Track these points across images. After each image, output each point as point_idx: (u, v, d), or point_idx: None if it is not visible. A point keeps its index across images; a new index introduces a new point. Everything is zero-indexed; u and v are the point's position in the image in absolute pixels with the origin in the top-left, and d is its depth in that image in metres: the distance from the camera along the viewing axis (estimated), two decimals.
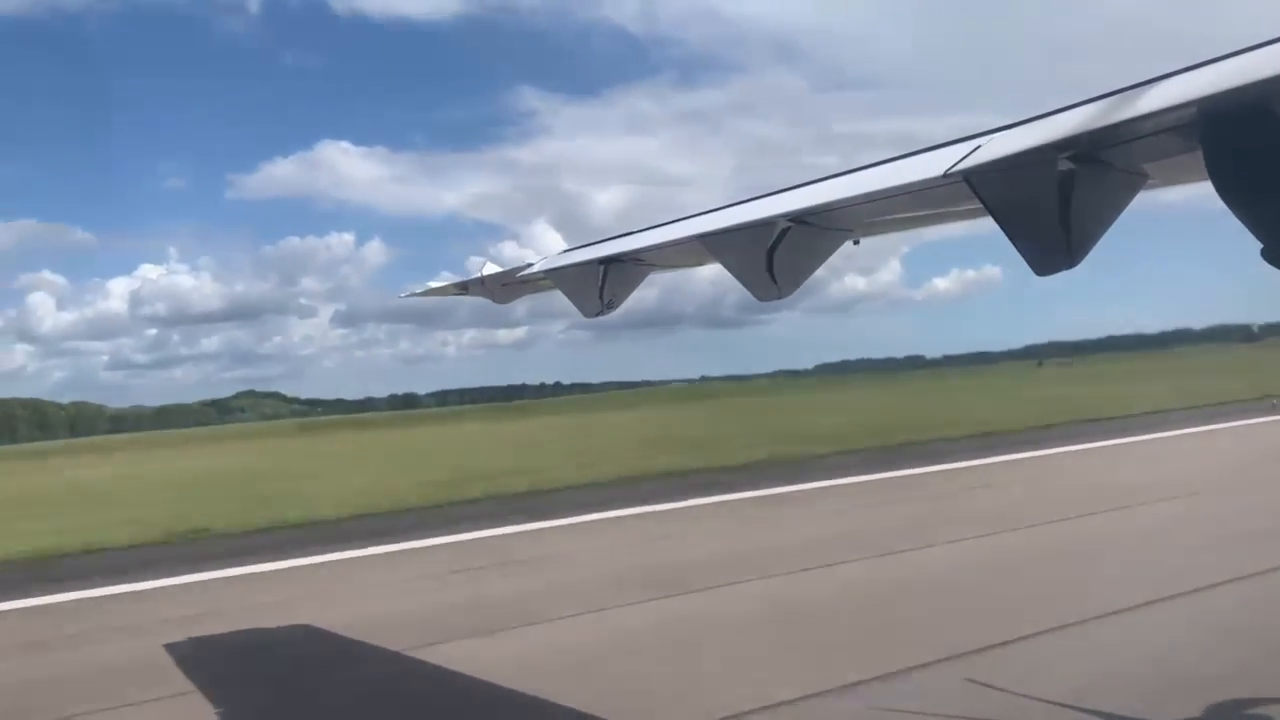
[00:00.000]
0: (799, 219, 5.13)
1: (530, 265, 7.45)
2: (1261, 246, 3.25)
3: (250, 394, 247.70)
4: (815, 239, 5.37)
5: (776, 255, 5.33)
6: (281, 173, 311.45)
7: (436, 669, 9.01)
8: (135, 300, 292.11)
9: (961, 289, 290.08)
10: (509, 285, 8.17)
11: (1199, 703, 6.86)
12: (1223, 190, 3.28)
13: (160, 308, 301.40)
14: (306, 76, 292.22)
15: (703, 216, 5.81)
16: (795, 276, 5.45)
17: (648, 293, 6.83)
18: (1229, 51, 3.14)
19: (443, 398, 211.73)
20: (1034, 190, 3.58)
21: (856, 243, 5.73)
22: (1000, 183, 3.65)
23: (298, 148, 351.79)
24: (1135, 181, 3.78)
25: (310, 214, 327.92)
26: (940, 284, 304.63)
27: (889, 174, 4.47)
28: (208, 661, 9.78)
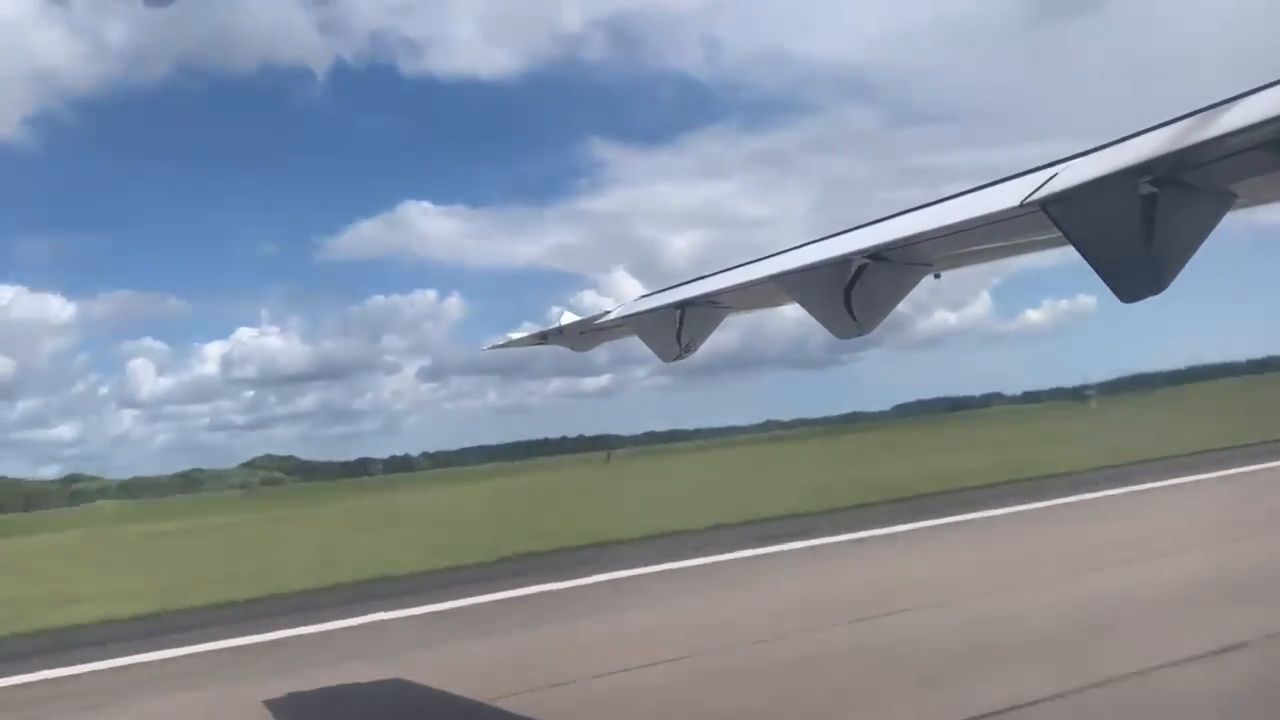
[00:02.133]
0: (875, 255, 5.08)
1: (608, 313, 7.49)
2: None
3: (268, 459, 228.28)
4: (893, 274, 5.30)
5: (854, 292, 5.27)
6: (366, 234, 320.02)
7: None
8: (227, 362, 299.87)
9: (1054, 320, 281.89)
10: (587, 333, 8.23)
11: None
12: None
13: (251, 369, 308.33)
14: (384, 140, 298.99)
15: (777, 257, 5.78)
16: (875, 313, 5.38)
17: (728, 335, 6.79)
18: None
19: (456, 457, 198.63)
20: (1114, 216, 3.48)
21: (937, 276, 5.63)
22: (1079, 210, 3.56)
23: (380, 209, 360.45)
24: (1222, 202, 3.65)
25: (394, 272, 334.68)
26: (1033, 315, 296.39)
27: (964, 206, 4.40)
28: None
